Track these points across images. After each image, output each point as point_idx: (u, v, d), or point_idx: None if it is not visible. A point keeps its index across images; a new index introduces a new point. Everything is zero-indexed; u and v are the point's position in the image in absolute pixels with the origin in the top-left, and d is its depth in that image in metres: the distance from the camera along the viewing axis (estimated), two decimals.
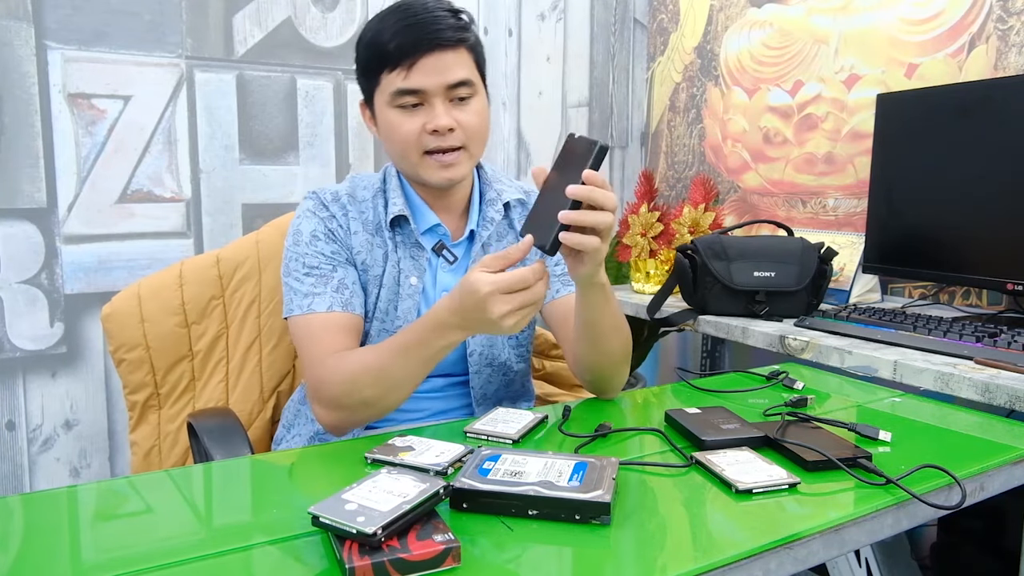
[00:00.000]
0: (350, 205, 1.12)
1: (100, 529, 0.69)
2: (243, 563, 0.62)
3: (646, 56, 2.60)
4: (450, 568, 0.59)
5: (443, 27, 1.02)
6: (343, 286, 1.07)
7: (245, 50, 1.92)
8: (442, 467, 0.78)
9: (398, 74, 1.02)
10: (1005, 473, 0.84)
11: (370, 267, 1.11)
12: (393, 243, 1.12)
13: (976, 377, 1.08)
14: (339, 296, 1.06)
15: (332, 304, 1.05)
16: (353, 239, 1.11)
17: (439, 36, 1.02)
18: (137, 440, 1.30)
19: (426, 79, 1.02)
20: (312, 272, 1.07)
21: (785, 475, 0.76)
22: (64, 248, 1.76)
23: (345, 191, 1.14)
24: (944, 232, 1.53)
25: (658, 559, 0.62)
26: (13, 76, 1.68)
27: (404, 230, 1.12)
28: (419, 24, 1.01)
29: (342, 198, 1.12)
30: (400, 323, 1.10)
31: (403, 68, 1.02)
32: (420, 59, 1.01)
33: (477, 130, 1.07)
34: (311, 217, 1.10)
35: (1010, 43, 1.55)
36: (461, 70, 1.04)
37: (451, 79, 1.03)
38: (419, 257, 1.12)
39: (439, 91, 1.03)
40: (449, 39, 1.02)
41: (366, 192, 1.14)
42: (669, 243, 1.86)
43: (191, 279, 1.33)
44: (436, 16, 1.02)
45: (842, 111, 1.90)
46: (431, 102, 1.04)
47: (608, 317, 1.00)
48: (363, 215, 1.12)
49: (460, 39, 1.04)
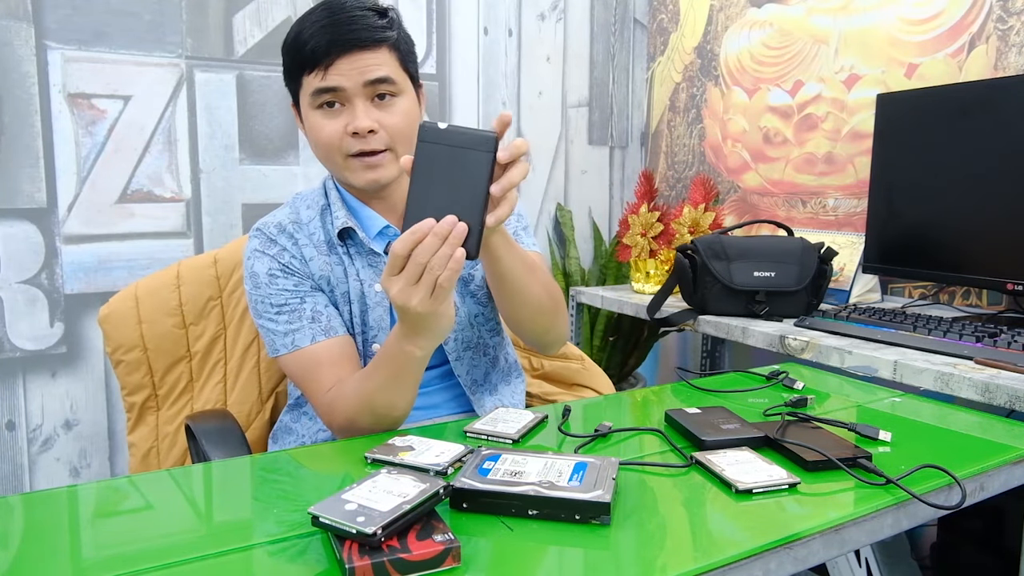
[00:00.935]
0: (297, 232, 1.10)
1: (100, 528, 0.69)
2: (243, 563, 0.62)
3: (646, 56, 2.60)
4: (450, 568, 0.59)
5: (360, 27, 1.00)
6: (317, 314, 1.06)
7: (245, 50, 1.92)
8: (442, 467, 0.78)
9: (316, 75, 1.01)
10: (1005, 473, 0.84)
11: (336, 285, 1.10)
12: (348, 256, 1.10)
13: (976, 377, 1.08)
14: (317, 326, 1.05)
15: (315, 336, 1.05)
16: (311, 265, 1.09)
17: (356, 36, 1.00)
18: (135, 442, 1.30)
19: (342, 78, 1.01)
20: (283, 310, 1.06)
21: (785, 475, 0.76)
22: (64, 248, 1.76)
23: (288, 218, 1.12)
24: (944, 232, 1.53)
25: (658, 559, 0.62)
26: (13, 76, 1.68)
27: (355, 240, 1.11)
28: (335, 23, 1.00)
29: (287, 228, 1.10)
30: (374, 332, 1.10)
31: (320, 68, 1.01)
32: (336, 59, 1.00)
33: (401, 131, 1.04)
34: (262, 257, 1.09)
35: (1010, 43, 1.55)
36: (381, 68, 1.02)
37: (369, 77, 1.01)
38: (376, 263, 1.11)
39: (358, 90, 1.02)
40: (366, 39, 1.01)
41: (311, 211, 1.12)
42: (669, 243, 1.86)
43: (189, 280, 1.33)
44: (354, 16, 1.01)
45: (842, 111, 1.90)
46: (352, 102, 1.02)
47: (519, 260, 0.97)
48: (313, 236, 1.10)
49: (379, 38, 1.02)
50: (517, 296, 1.01)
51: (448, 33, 2.22)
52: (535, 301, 1.02)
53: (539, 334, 1.07)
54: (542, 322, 1.05)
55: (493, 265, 0.96)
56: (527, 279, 0.99)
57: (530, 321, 1.05)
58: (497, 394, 1.21)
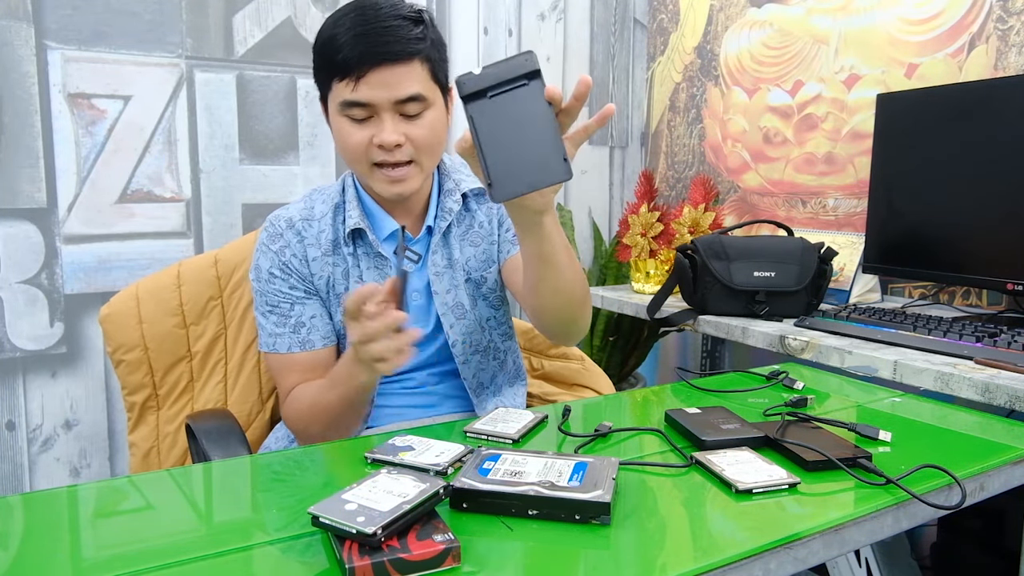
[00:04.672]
0: (305, 230, 1.11)
1: (100, 528, 0.69)
2: (243, 563, 0.62)
3: (646, 56, 2.60)
4: (450, 568, 0.59)
5: (394, 39, 0.98)
6: (300, 325, 1.10)
7: (245, 50, 1.92)
8: (442, 467, 0.78)
9: (346, 85, 0.99)
10: (1005, 473, 0.84)
11: (334, 286, 1.11)
12: (354, 258, 1.11)
13: (976, 377, 1.08)
14: (296, 336, 1.09)
15: (291, 346, 1.10)
16: (312, 265, 1.10)
17: (388, 49, 0.98)
18: (136, 441, 1.30)
19: (373, 93, 0.99)
20: (274, 311, 1.10)
21: (785, 475, 0.76)
22: (64, 248, 1.76)
23: (300, 214, 1.12)
24: (944, 232, 1.53)
25: (658, 559, 0.62)
26: (13, 76, 1.68)
27: (364, 241, 1.11)
28: (369, 34, 0.98)
29: (296, 224, 1.11)
30: None
31: (351, 80, 0.99)
32: (368, 72, 0.98)
33: (428, 144, 1.04)
34: (266, 252, 1.11)
35: (1010, 43, 1.55)
36: (412, 85, 1.00)
37: (400, 95, 1.00)
38: (383, 266, 1.11)
39: (387, 106, 1.00)
40: (399, 52, 0.98)
41: (324, 207, 1.13)
42: (669, 243, 1.86)
43: (189, 280, 1.33)
44: (388, 27, 0.98)
45: (842, 111, 1.90)
46: (380, 115, 1.01)
47: (562, 243, 0.96)
48: (321, 235, 1.11)
49: (413, 51, 1.00)
50: (556, 280, 0.97)
51: (448, 33, 2.22)
52: (570, 287, 0.99)
53: (567, 323, 1.04)
54: (572, 311, 1.02)
55: (540, 245, 0.92)
56: (568, 262, 0.97)
57: (561, 309, 1.01)
58: (500, 395, 1.21)
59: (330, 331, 1.12)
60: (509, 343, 1.22)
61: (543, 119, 0.77)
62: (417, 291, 1.14)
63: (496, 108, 0.77)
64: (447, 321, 1.13)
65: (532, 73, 0.76)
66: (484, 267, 1.17)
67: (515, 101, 0.77)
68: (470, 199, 1.17)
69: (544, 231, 0.90)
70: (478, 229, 1.17)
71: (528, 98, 0.77)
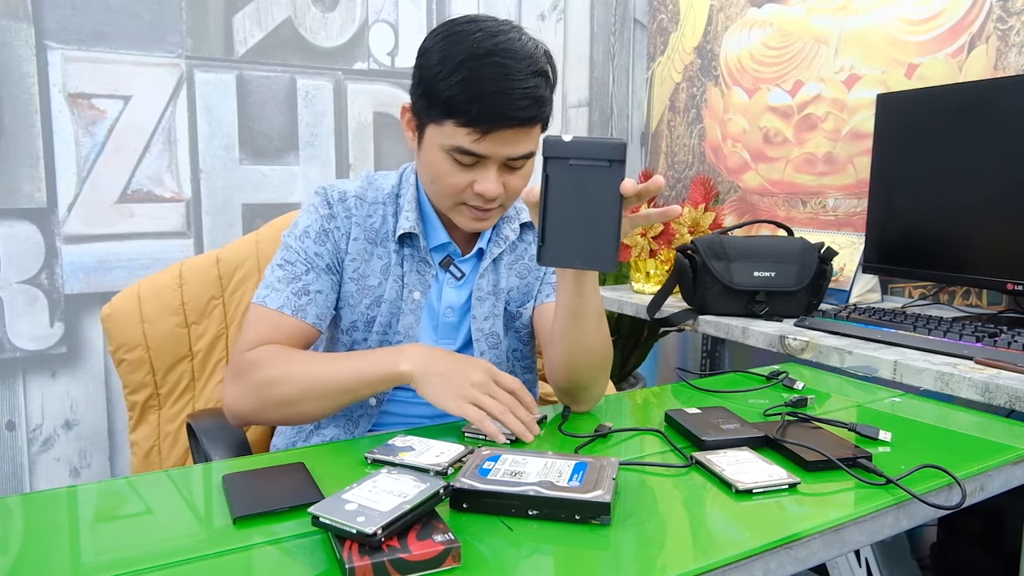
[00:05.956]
0: (356, 208, 1.09)
1: (100, 529, 0.69)
2: (243, 563, 0.62)
3: (646, 56, 2.60)
4: (450, 568, 0.59)
5: (527, 103, 0.95)
6: (304, 291, 1.05)
7: (245, 50, 1.92)
8: (442, 467, 0.78)
9: (468, 135, 0.96)
10: (1005, 473, 0.84)
11: (364, 277, 1.09)
12: (399, 256, 1.09)
13: (976, 377, 1.08)
14: (295, 299, 1.04)
15: (284, 305, 1.03)
16: (351, 245, 1.08)
17: (524, 115, 0.95)
18: (137, 440, 1.30)
19: (492, 148, 0.97)
20: (285, 266, 1.06)
21: (785, 475, 0.76)
22: (64, 248, 1.76)
23: (354, 192, 1.10)
24: (944, 232, 1.53)
25: (658, 559, 0.62)
26: (13, 76, 1.68)
27: (414, 244, 1.10)
28: (503, 95, 0.94)
29: (348, 200, 1.09)
30: (400, 338, 1.09)
31: (475, 132, 0.95)
32: (495, 131, 0.95)
33: (519, 191, 1.03)
34: (312, 212, 1.09)
35: (1010, 43, 1.55)
36: (530, 144, 1.00)
37: (516, 153, 0.99)
38: (425, 272, 1.10)
39: (500, 159, 0.99)
40: (533, 118, 0.97)
41: (378, 194, 1.11)
42: (669, 243, 1.86)
43: (191, 279, 1.33)
44: (527, 89, 0.95)
45: (842, 111, 1.90)
46: (487, 165, 0.99)
47: (595, 307, 0.96)
48: (369, 219, 1.09)
49: (542, 117, 0.99)
50: (580, 339, 0.97)
51: None
52: (591, 351, 0.98)
53: (579, 386, 1.01)
54: (588, 375, 1.00)
55: (574, 300, 0.93)
56: (596, 326, 0.97)
57: (578, 369, 0.99)
58: None
59: (326, 315, 1.08)
60: (529, 376, 1.22)
61: (610, 206, 0.80)
62: (451, 308, 1.11)
63: (572, 176, 0.80)
64: (479, 347, 1.12)
65: (619, 155, 0.79)
66: (523, 300, 1.16)
67: (591, 177, 0.80)
68: (527, 230, 1.17)
69: (582, 287, 0.93)
70: (528, 262, 1.16)
71: (604, 180, 0.80)
